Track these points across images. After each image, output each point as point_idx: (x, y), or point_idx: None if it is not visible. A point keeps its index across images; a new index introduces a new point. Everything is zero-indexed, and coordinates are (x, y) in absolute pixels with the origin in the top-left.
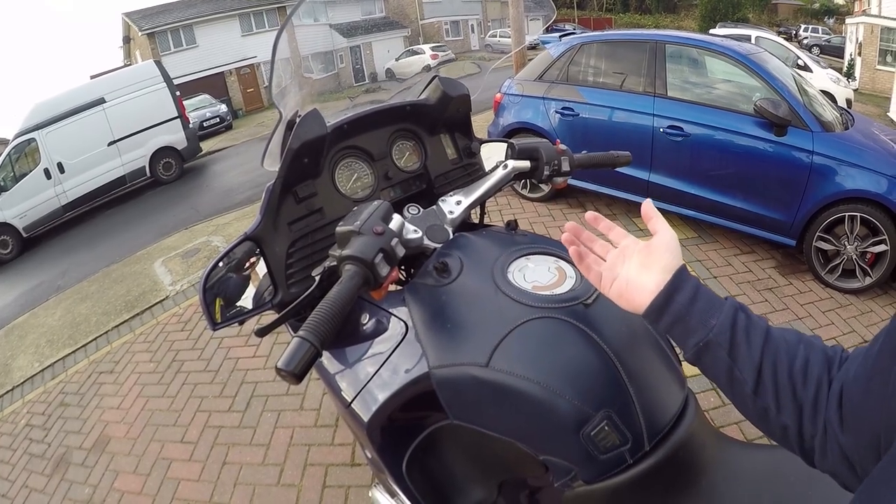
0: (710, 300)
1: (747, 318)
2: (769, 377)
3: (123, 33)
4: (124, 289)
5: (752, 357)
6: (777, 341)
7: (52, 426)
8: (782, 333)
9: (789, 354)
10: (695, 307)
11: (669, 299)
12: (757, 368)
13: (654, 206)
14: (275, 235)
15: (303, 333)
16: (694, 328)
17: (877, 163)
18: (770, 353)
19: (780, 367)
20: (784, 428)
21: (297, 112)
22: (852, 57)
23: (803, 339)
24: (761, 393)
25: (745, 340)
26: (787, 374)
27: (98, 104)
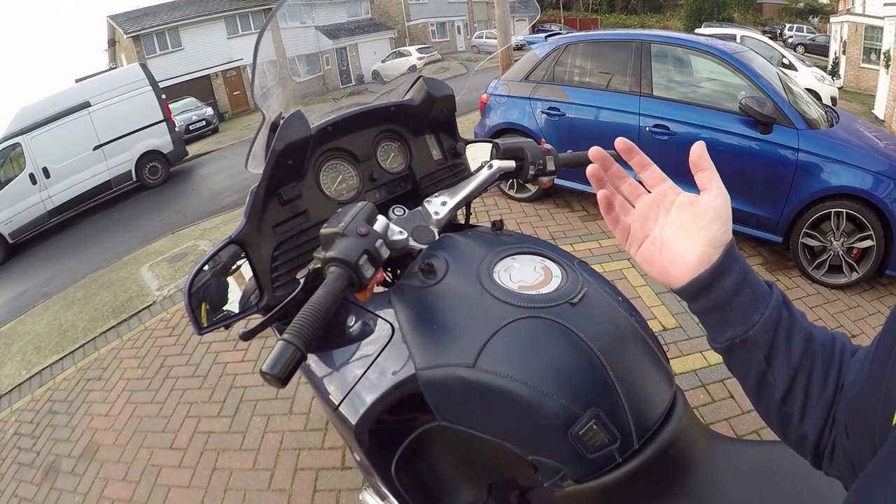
0: (756, 291)
1: (790, 318)
2: (801, 385)
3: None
4: (111, 294)
5: (789, 363)
6: (816, 346)
7: (41, 434)
8: (821, 335)
9: (826, 362)
10: (739, 297)
11: (713, 283)
12: (792, 375)
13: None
14: (259, 238)
15: (287, 336)
16: (733, 320)
17: (861, 159)
18: (808, 360)
19: (815, 375)
20: (803, 437)
21: (281, 114)
22: (836, 55)
23: (837, 342)
24: (790, 401)
25: (786, 344)
26: (821, 384)
27: (83, 108)
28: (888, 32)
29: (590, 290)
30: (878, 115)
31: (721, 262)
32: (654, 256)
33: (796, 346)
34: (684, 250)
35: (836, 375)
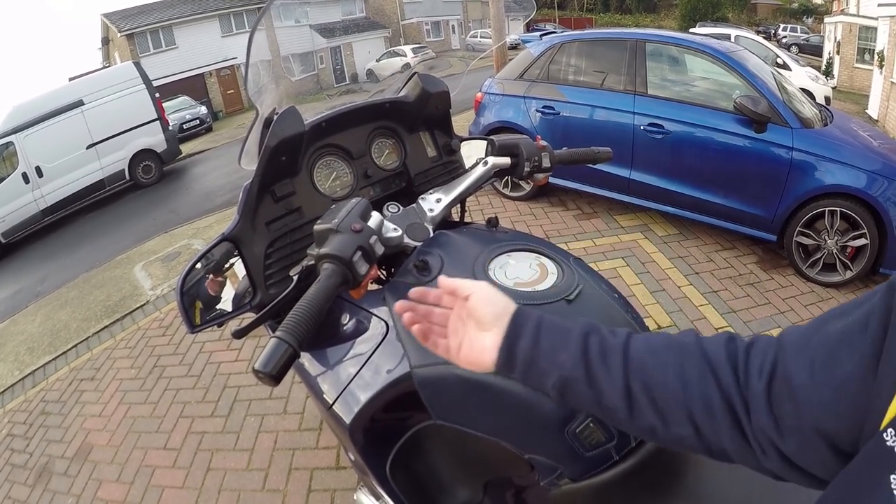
0: (555, 335)
1: (601, 342)
2: (643, 398)
3: (102, 34)
4: (104, 294)
5: (615, 383)
6: (641, 356)
7: (34, 435)
8: (645, 344)
9: (659, 367)
10: (540, 348)
11: (512, 350)
12: (625, 392)
13: (633, 202)
14: (253, 235)
15: (280, 334)
16: (546, 370)
17: (856, 158)
18: (636, 373)
19: (653, 383)
20: (679, 438)
21: (275, 110)
22: (830, 55)
23: (672, 344)
24: (638, 416)
25: (603, 367)
26: (662, 389)
27: (77, 106)
28: (882, 33)
29: (586, 287)
30: (872, 114)
31: (510, 331)
32: (467, 354)
33: (614, 364)
34: (484, 338)
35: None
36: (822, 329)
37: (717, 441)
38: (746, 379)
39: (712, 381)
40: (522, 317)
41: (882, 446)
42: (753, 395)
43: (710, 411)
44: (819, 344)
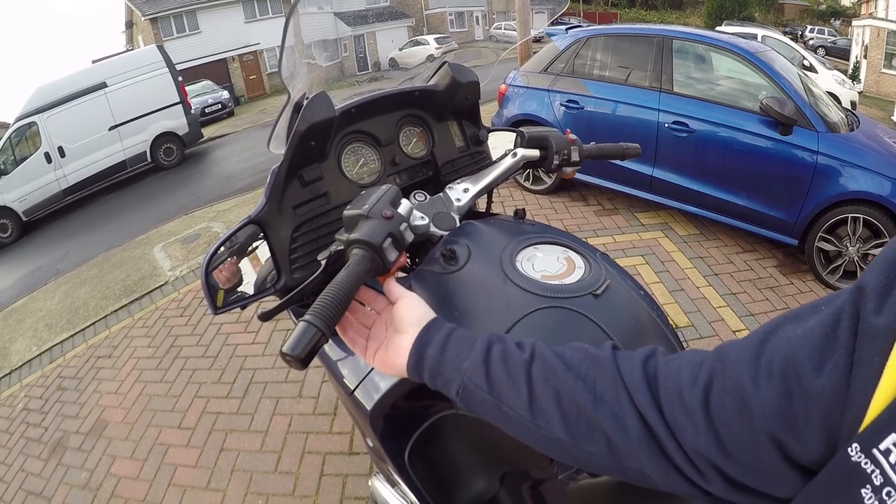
0: (462, 343)
1: (504, 350)
2: (550, 405)
3: (126, 18)
4: (123, 273)
5: (517, 390)
6: (550, 362)
7: (50, 410)
8: (556, 352)
9: (569, 377)
10: (446, 356)
11: (421, 357)
12: (527, 401)
13: (654, 200)
14: (279, 219)
15: (309, 317)
16: (450, 377)
17: (881, 165)
18: (540, 380)
19: (562, 391)
20: (588, 455)
21: (305, 94)
22: (857, 59)
23: (587, 355)
24: (544, 425)
25: (505, 374)
26: (571, 399)
27: (100, 88)
28: None
29: (612, 283)
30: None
31: (421, 336)
32: (383, 356)
33: (517, 372)
34: (400, 342)
35: (592, 388)
36: (777, 335)
37: (635, 464)
38: (674, 397)
39: (627, 400)
40: (435, 326)
41: (847, 462)
42: (686, 413)
43: (624, 431)
44: (775, 352)
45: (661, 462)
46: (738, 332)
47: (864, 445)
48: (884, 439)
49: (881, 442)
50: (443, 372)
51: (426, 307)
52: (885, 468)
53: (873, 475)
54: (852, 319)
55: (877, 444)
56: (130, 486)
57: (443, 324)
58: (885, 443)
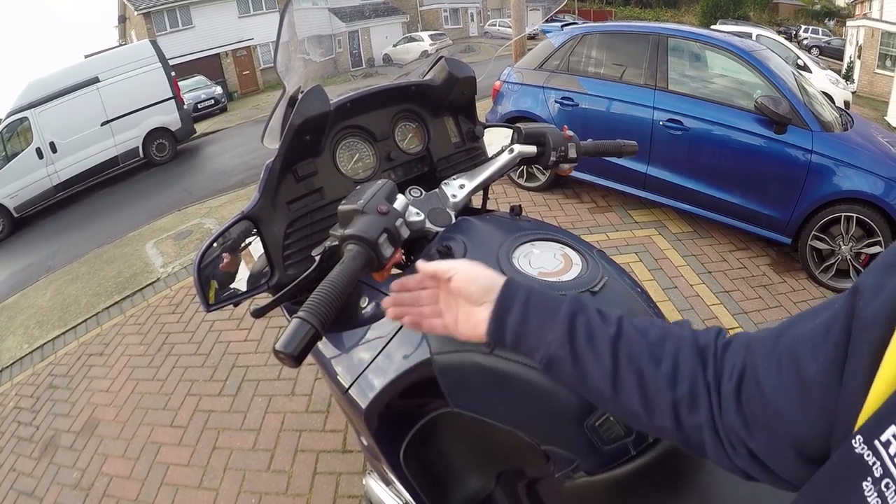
0: (544, 312)
1: (588, 324)
2: (631, 383)
3: (119, 12)
4: (115, 270)
5: (601, 365)
6: (633, 343)
7: (41, 409)
8: (640, 331)
9: (652, 356)
10: (529, 325)
11: (502, 326)
12: (611, 375)
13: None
14: (273, 215)
15: (303, 314)
16: (534, 346)
17: (874, 164)
18: (625, 358)
19: (644, 370)
20: (661, 429)
21: (300, 88)
22: (851, 59)
23: (669, 335)
24: (624, 400)
25: (590, 349)
26: (653, 377)
27: (92, 83)
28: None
29: (610, 280)
30: (891, 121)
31: (498, 305)
32: (462, 326)
33: (601, 348)
34: (478, 314)
35: (673, 368)
36: (790, 331)
37: (696, 434)
38: (720, 377)
39: (701, 373)
40: (510, 291)
41: (851, 454)
42: (724, 395)
43: (695, 403)
44: (785, 346)
45: (715, 436)
46: (732, 330)
47: (867, 437)
48: (885, 430)
49: (882, 433)
50: (526, 341)
51: (486, 271)
52: (885, 460)
53: (874, 467)
54: (847, 316)
55: (878, 436)
56: (122, 485)
57: (517, 287)
58: (886, 434)
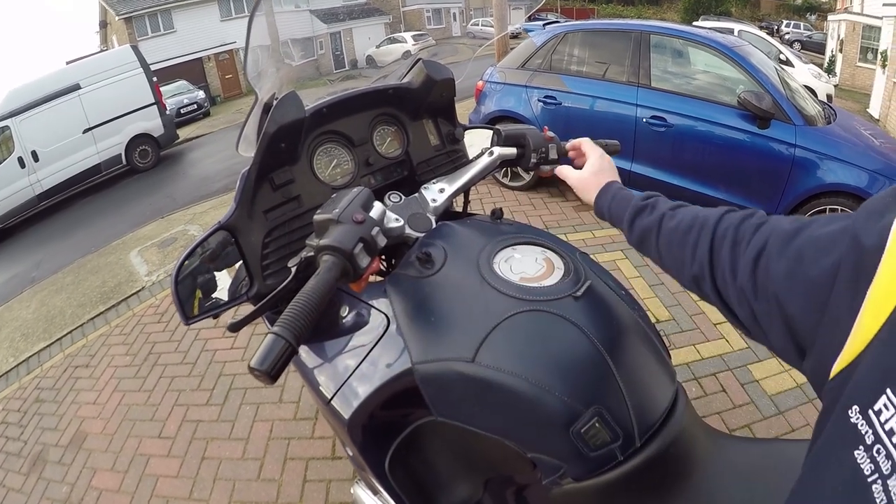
0: (621, 204)
1: (643, 227)
2: (669, 262)
3: (100, 18)
4: (100, 280)
5: (651, 252)
6: (668, 234)
7: (29, 423)
8: (675, 226)
9: (681, 244)
10: (613, 209)
11: (601, 201)
12: (658, 256)
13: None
14: (250, 224)
15: (277, 329)
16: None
17: (858, 157)
18: (664, 247)
19: (675, 256)
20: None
21: (275, 95)
22: (833, 53)
23: (695, 225)
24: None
25: (643, 242)
26: (679, 261)
27: (73, 90)
28: (886, 32)
29: (593, 284)
30: (874, 113)
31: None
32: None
33: (650, 242)
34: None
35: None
36: (808, 229)
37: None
38: (737, 252)
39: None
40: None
41: (846, 423)
42: (744, 262)
43: (703, 279)
44: (799, 241)
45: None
46: (719, 325)
47: (863, 406)
48: (877, 400)
49: (875, 403)
50: (612, 214)
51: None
52: (877, 427)
53: (866, 435)
54: (849, 259)
55: (872, 405)
56: (112, 499)
57: (610, 188)
58: (878, 404)
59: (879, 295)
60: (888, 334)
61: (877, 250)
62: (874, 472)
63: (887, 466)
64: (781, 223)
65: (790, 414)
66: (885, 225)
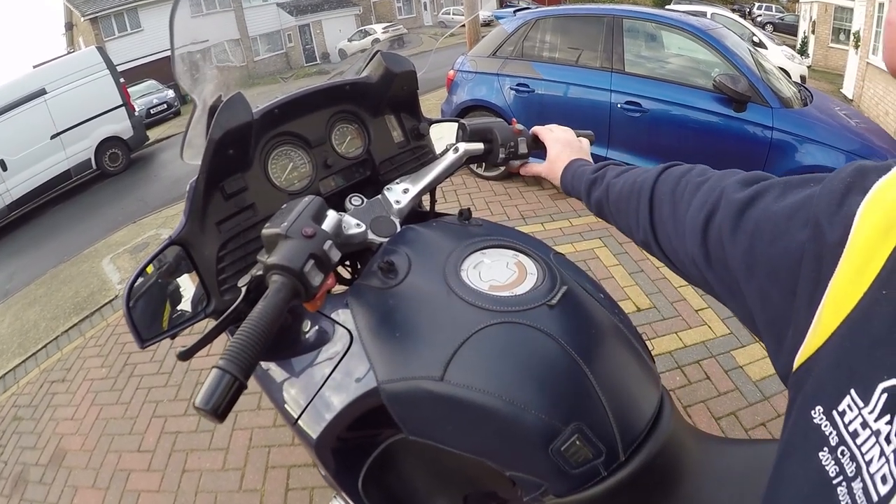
0: (580, 178)
1: (598, 198)
2: (621, 225)
3: (66, 19)
4: (72, 290)
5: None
6: (615, 202)
7: (7, 443)
8: (618, 193)
9: (626, 211)
10: (574, 183)
11: (565, 177)
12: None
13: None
14: (202, 238)
15: (222, 364)
16: (577, 189)
17: (835, 139)
18: (612, 213)
19: (621, 224)
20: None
21: (220, 97)
22: (805, 35)
23: (633, 191)
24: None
25: (598, 209)
26: (627, 227)
27: (39, 95)
28: (858, 14)
29: (569, 289)
30: (847, 94)
31: (563, 174)
32: (551, 166)
33: (605, 208)
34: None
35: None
36: (762, 200)
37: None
38: (684, 208)
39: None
40: (573, 166)
41: (810, 424)
42: (690, 226)
43: (650, 245)
44: (754, 213)
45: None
46: (701, 311)
47: (826, 407)
48: (841, 401)
49: (839, 404)
50: (575, 193)
51: (565, 150)
52: (841, 429)
53: (830, 437)
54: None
55: (836, 406)
56: None
57: (570, 168)
58: (842, 405)
59: (840, 290)
60: (849, 331)
61: (838, 244)
62: (839, 474)
63: (851, 468)
64: (727, 186)
65: (775, 399)
66: (847, 214)
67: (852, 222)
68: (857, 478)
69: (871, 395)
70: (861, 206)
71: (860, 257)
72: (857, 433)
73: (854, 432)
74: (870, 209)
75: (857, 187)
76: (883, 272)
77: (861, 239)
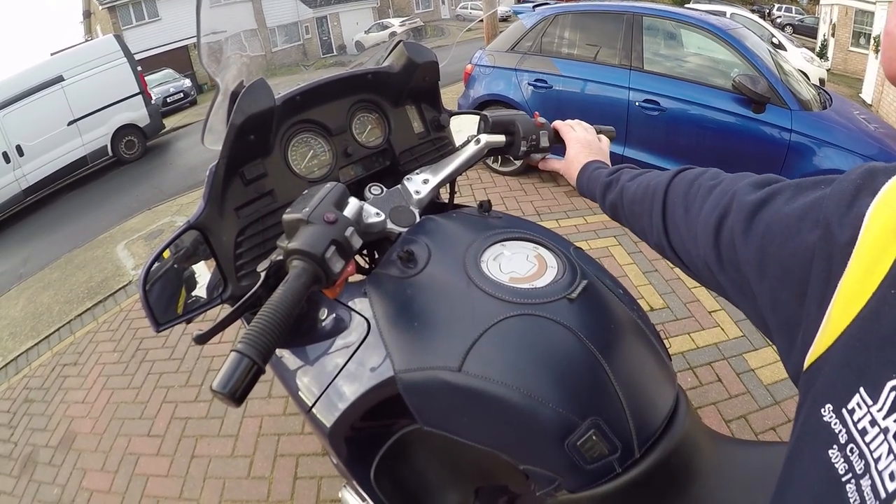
0: (594, 181)
1: (612, 201)
2: (635, 228)
3: (84, 7)
4: (87, 275)
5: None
6: (630, 205)
7: (18, 424)
8: (632, 196)
9: (640, 214)
10: (589, 185)
11: (581, 179)
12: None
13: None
14: (221, 223)
15: (240, 347)
16: (592, 192)
17: (854, 143)
18: (625, 217)
19: (635, 226)
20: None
21: (242, 83)
22: (825, 37)
23: (647, 194)
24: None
25: (613, 212)
26: (641, 230)
27: (57, 82)
28: (879, 17)
29: (589, 283)
30: (866, 98)
31: (579, 174)
32: (568, 165)
33: (620, 211)
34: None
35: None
36: (773, 203)
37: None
38: (696, 211)
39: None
40: (590, 167)
41: (819, 422)
42: (703, 228)
43: (663, 248)
44: (765, 217)
45: (683, 266)
46: (714, 313)
47: (836, 405)
48: (851, 399)
49: (849, 402)
50: (591, 196)
51: (583, 150)
52: (850, 427)
53: (839, 434)
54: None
55: (845, 404)
56: (103, 500)
57: (586, 170)
58: (851, 403)
59: (849, 290)
60: (858, 330)
61: (848, 244)
62: (848, 471)
63: (860, 466)
64: (739, 189)
65: (786, 404)
66: (856, 215)
67: (862, 223)
68: (866, 475)
69: (879, 393)
70: (870, 207)
71: (869, 257)
72: (866, 431)
73: (863, 430)
74: (879, 210)
75: (866, 188)
76: (892, 272)
77: (870, 239)
